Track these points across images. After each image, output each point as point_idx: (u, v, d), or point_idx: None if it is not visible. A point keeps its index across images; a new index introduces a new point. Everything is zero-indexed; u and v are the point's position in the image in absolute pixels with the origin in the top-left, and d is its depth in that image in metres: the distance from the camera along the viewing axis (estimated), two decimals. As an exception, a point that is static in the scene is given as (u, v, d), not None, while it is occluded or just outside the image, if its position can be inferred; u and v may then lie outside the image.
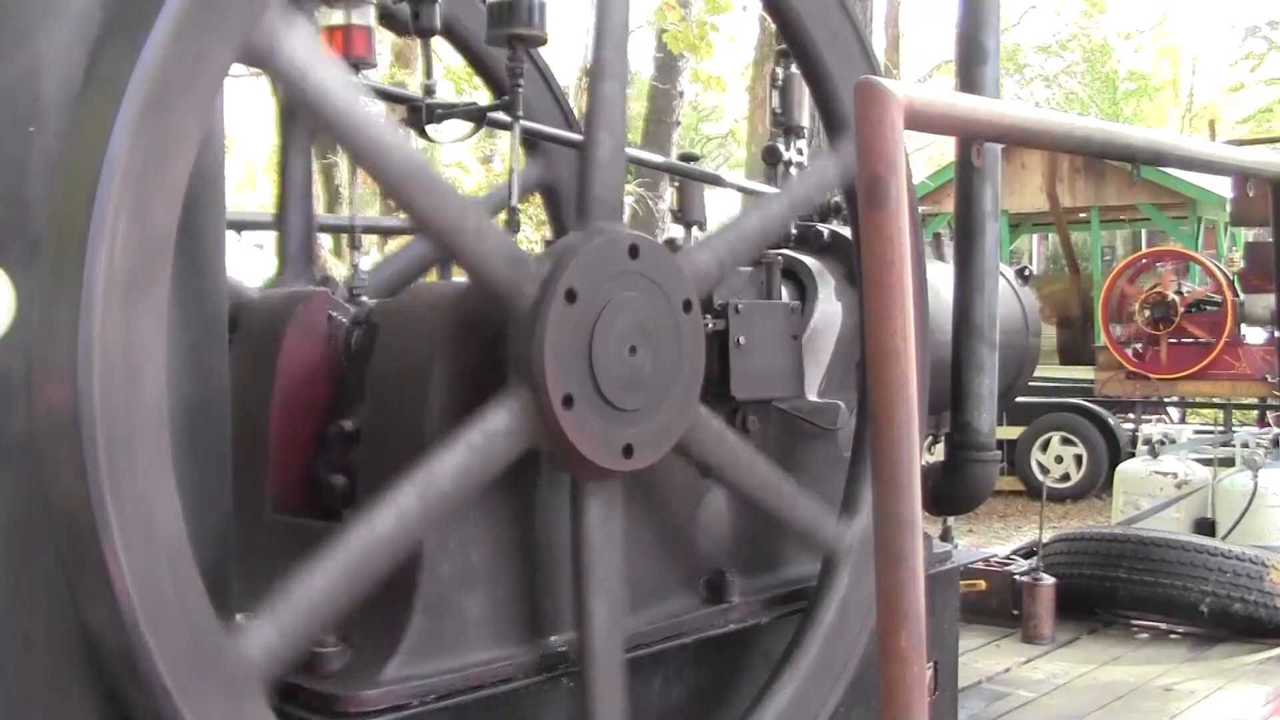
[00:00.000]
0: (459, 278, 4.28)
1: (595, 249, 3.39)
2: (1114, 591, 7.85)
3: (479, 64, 5.60)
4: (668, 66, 19.23)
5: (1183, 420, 16.46)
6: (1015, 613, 7.77)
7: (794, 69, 4.98)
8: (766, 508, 4.11)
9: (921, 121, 2.38)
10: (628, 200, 17.64)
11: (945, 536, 6.52)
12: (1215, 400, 15.28)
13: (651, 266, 3.50)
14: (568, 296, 3.27)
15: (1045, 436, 14.95)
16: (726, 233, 3.98)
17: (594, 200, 3.54)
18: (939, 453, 5.76)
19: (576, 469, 3.43)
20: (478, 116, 4.35)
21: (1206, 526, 9.58)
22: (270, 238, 5.27)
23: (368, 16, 4.26)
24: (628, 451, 3.46)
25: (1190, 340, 14.48)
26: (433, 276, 5.16)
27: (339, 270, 4.85)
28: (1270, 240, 3.88)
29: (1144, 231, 21.90)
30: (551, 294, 3.25)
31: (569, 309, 3.29)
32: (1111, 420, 14.93)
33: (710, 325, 4.03)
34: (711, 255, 3.83)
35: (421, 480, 3.07)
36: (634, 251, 3.46)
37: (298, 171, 4.65)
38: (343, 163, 4.32)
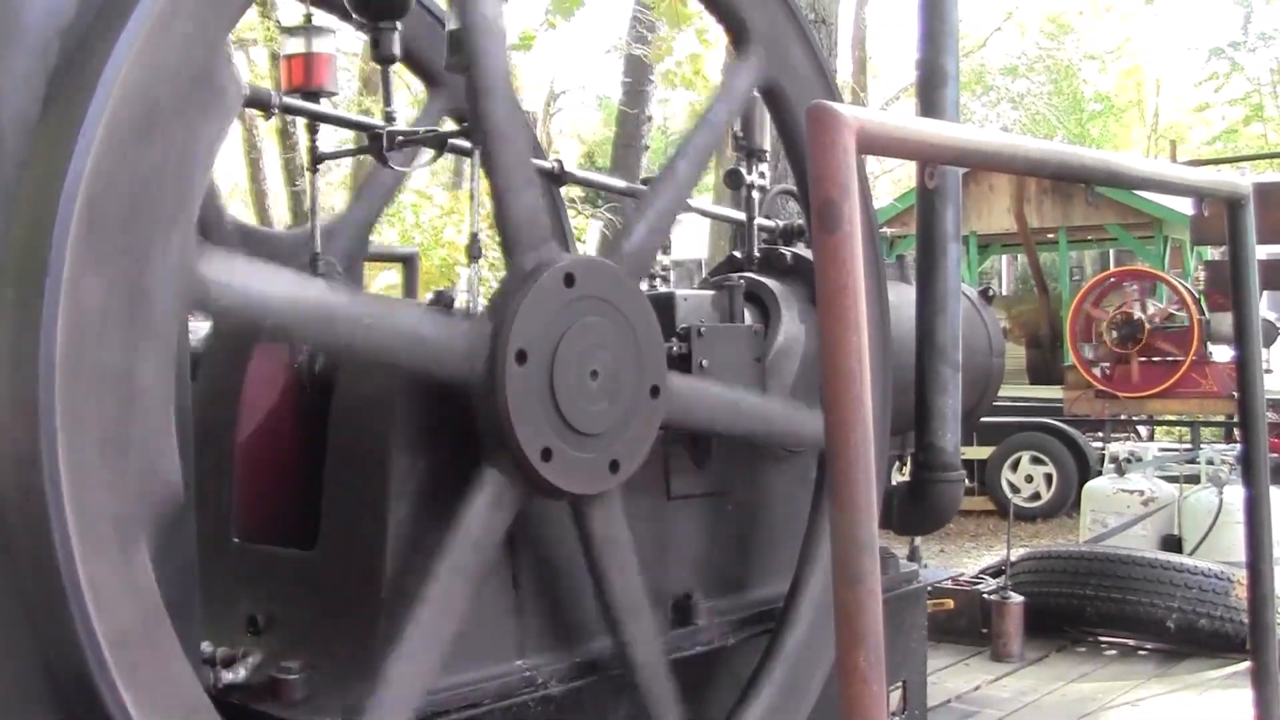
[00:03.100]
0: (423, 296, 4.29)
1: (532, 298, 3.35)
2: (1082, 609, 7.90)
3: (440, 91, 5.60)
4: (636, 92, 19.27)
5: (1151, 438, 16.53)
6: (984, 631, 7.81)
7: (755, 93, 5.00)
8: (760, 438, 4.24)
9: (875, 145, 2.39)
10: (598, 225, 17.69)
11: (913, 556, 6.55)
12: (1184, 418, 15.34)
13: (589, 285, 3.50)
14: (519, 358, 3.29)
15: (1015, 456, 14.98)
16: (656, 194, 3.95)
17: (628, 247, 3.67)
18: (908, 473, 5.78)
19: (493, 438, 3.38)
20: (439, 143, 4.36)
21: (1173, 543, 9.63)
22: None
23: (329, 44, 4.27)
24: (614, 467, 3.55)
25: (1158, 359, 14.53)
26: (396, 292, 5.16)
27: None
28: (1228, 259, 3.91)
29: (1111, 251, 22.01)
30: (502, 362, 3.26)
31: (562, 289, 3.37)
32: (1081, 439, 14.97)
33: (674, 349, 4.05)
34: (645, 227, 3.84)
35: (379, 306, 3.20)
36: (569, 280, 3.44)
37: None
38: (308, 189, 4.33)
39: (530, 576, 3.72)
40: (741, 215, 5.27)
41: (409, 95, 16.55)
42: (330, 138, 4.63)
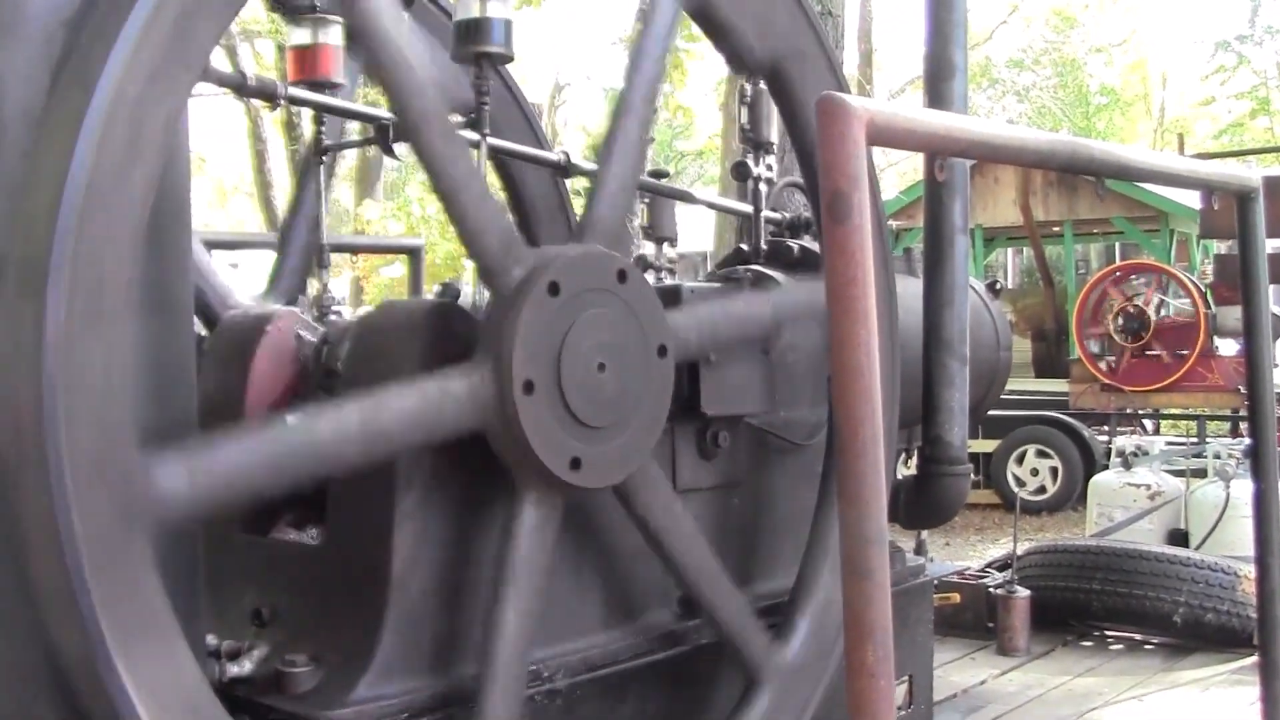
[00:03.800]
0: (428, 294, 4.28)
1: (585, 258, 3.42)
2: (1088, 603, 7.87)
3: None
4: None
5: (1156, 432, 16.52)
6: (990, 625, 7.79)
7: (761, 85, 4.99)
8: (691, 591, 3.94)
9: (884, 137, 2.38)
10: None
11: (919, 550, 6.54)
12: (1190, 412, 15.34)
13: (636, 298, 3.51)
14: (551, 289, 3.28)
15: (1021, 449, 14.96)
16: (714, 304, 4.01)
17: (595, 221, 3.59)
18: (914, 467, 5.77)
19: (521, 467, 3.36)
20: (445, 134, 4.35)
21: (1179, 537, 9.61)
22: (241, 257, 5.27)
23: (335, 36, 4.26)
24: (575, 464, 3.39)
25: (1163, 353, 14.53)
26: (402, 293, 5.16)
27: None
28: (1237, 252, 3.90)
29: (1117, 245, 22.00)
30: (536, 281, 3.26)
31: (550, 300, 3.30)
32: (1087, 433, 14.95)
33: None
34: (695, 324, 3.85)
35: (368, 406, 3.02)
36: (622, 276, 3.46)
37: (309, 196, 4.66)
38: (314, 180, 4.33)
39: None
40: (748, 208, 5.26)
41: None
42: (336, 129, 4.61)
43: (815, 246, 5.01)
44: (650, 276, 4.74)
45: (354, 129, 4.82)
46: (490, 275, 3.33)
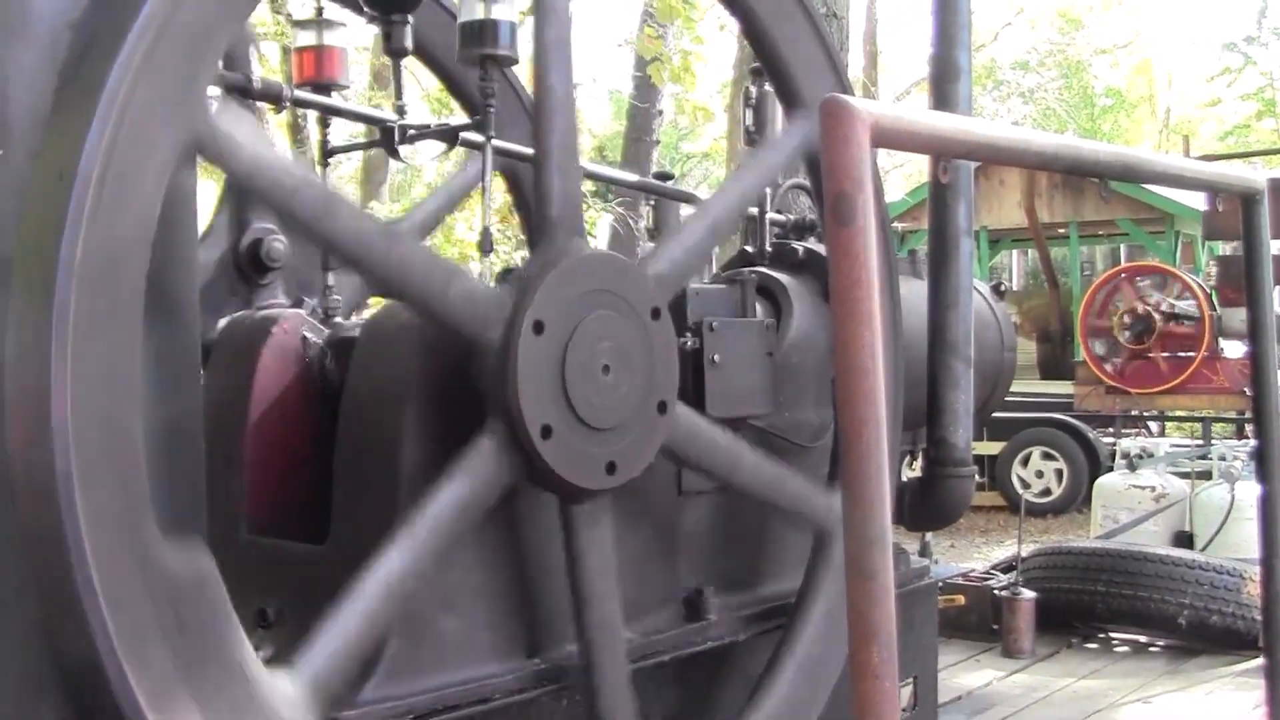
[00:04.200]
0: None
1: (557, 275, 3.38)
2: (1093, 605, 7.87)
3: (452, 84, 5.60)
4: (646, 86, 19.23)
5: (1161, 434, 16.50)
6: (995, 627, 7.79)
7: (767, 87, 4.99)
8: (758, 496, 4.11)
9: (889, 139, 2.38)
10: (607, 220, 17.67)
11: (924, 552, 6.54)
12: (1195, 414, 15.32)
13: (615, 281, 3.50)
14: (535, 329, 3.28)
15: (1026, 451, 14.93)
16: (688, 228, 3.98)
17: (550, 219, 3.52)
18: (919, 469, 5.76)
19: (561, 492, 3.45)
20: (450, 137, 4.36)
21: (1184, 539, 9.61)
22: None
23: (340, 38, 4.26)
24: (611, 469, 3.49)
25: (1169, 355, 14.51)
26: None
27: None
28: (1242, 254, 3.89)
29: (1122, 246, 21.99)
30: (518, 329, 3.25)
31: (537, 341, 3.30)
32: (1091, 435, 14.93)
33: (687, 343, 4.04)
34: (672, 254, 3.83)
35: (419, 530, 3.15)
36: (597, 270, 3.46)
37: None
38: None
39: (542, 574, 3.71)
40: (753, 209, 5.26)
41: (419, 90, 16.57)
42: (341, 131, 4.62)
43: (820, 248, 5.01)
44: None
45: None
46: (548, 230, 3.43)
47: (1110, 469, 12.19)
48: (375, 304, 4.96)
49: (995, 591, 7.89)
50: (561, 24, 3.54)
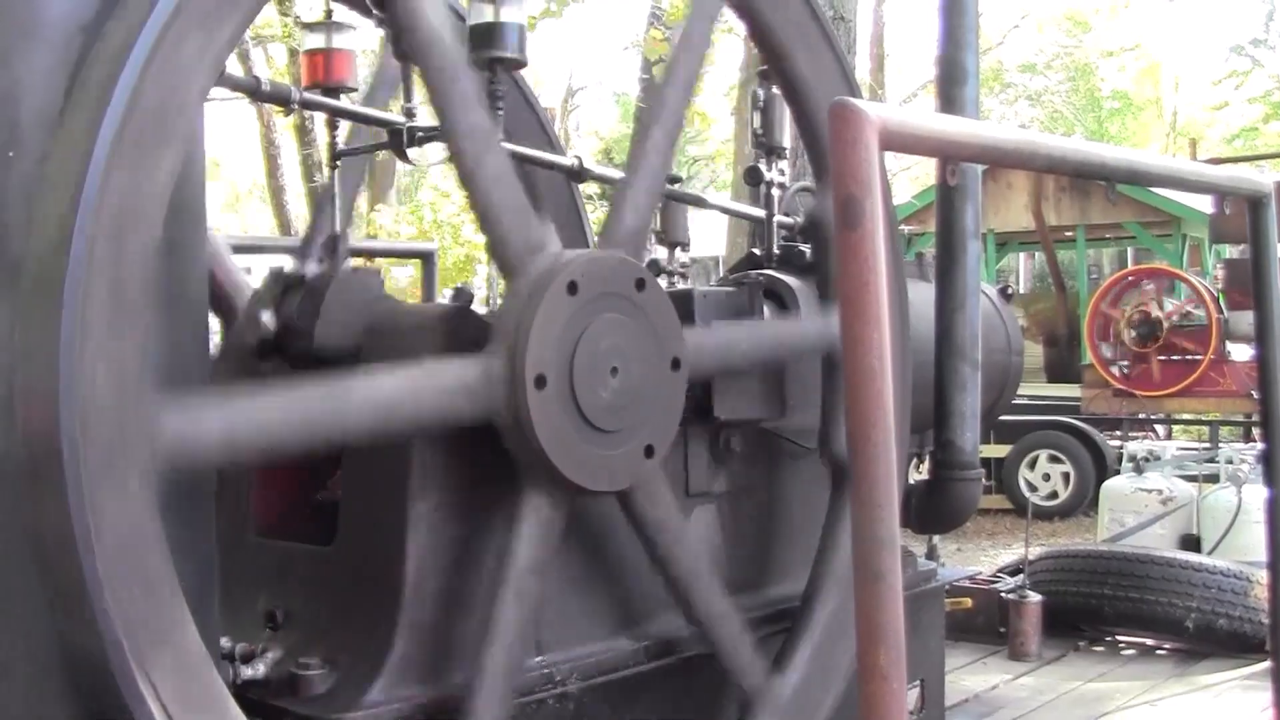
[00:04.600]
0: (441, 299, 4.29)
1: (607, 262, 3.47)
2: (1100, 608, 7.87)
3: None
4: (653, 88, 19.23)
5: (1168, 437, 16.47)
6: (1002, 630, 7.79)
7: (775, 90, 4.99)
8: (685, 602, 3.89)
9: (897, 142, 2.39)
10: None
11: (931, 555, 6.53)
12: (1202, 417, 15.30)
13: (592, 285, 3.46)
14: (538, 384, 3.28)
15: (1033, 454, 14.91)
16: (737, 330, 4.14)
17: (619, 229, 3.64)
18: (926, 471, 5.76)
19: (527, 463, 3.40)
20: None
21: (1191, 543, 9.59)
22: (254, 261, 5.28)
23: (349, 40, 4.27)
24: (649, 452, 3.58)
25: (1176, 357, 14.50)
26: (416, 297, 5.17)
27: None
28: (1249, 257, 3.89)
29: (1130, 249, 21.96)
30: (522, 392, 3.25)
31: (567, 298, 3.33)
32: (1098, 438, 14.91)
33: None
34: (714, 347, 3.95)
35: (510, 598, 3.28)
36: (572, 289, 3.41)
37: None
38: (328, 184, 4.34)
39: (552, 575, 3.71)
40: (761, 212, 5.25)
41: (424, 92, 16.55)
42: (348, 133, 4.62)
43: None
44: (662, 281, 4.74)
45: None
46: (511, 270, 3.38)
47: (1117, 472, 12.18)
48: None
49: (1002, 594, 7.89)
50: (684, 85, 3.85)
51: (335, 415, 2.95)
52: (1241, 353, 14.10)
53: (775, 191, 5.26)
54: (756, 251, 5.28)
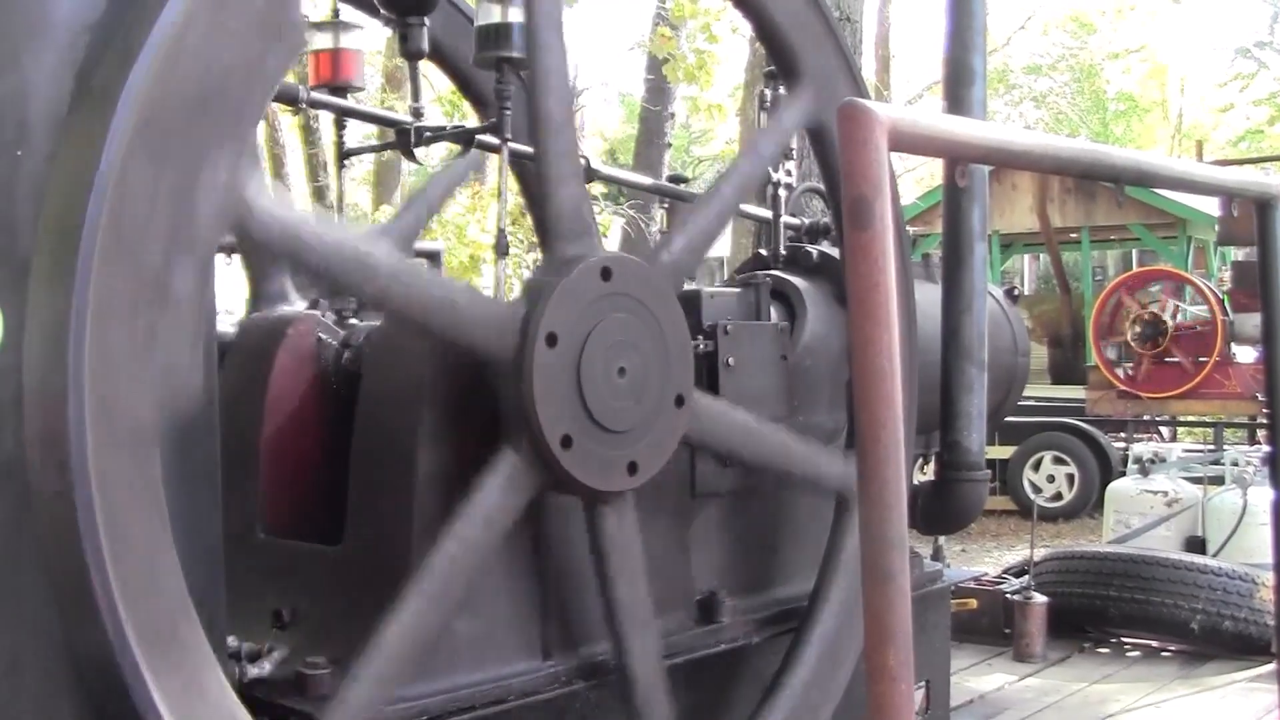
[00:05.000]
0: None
1: (568, 285, 3.38)
2: (1105, 610, 7.87)
3: (467, 87, 5.61)
4: (658, 89, 19.22)
5: (1173, 439, 16.45)
6: (1007, 631, 7.79)
7: (781, 90, 4.99)
8: (780, 471, 4.16)
9: (906, 143, 2.38)
10: (619, 223, 17.68)
11: (937, 556, 6.54)
12: (1207, 419, 15.28)
13: (626, 283, 3.51)
14: (549, 341, 3.29)
15: (1037, 456, 14.91)
16: (698, 211, 3.99)
17: (557, 225, 3.52)
18: (931, 472, 5.76)
19: (585, 497, 3.48)
20: (466, 139, 4.36)
21: (1197, 545, 9.58)
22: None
23: (356, 40, 4.27)
24: (632, 469, 3.53)
25: (1181, 359, 14.48)
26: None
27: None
28: (1256, 259, 3.89)
29: (1135, 251, 21.94)
30: (532, 342, 3.26)
31: (552, 354, 3.31)
32: (1103, 439, 14.90)
33: (700, 346, 4.04)
34: (685, 240, 3.85)
35: (445, 555, 3.20)
36: (606, 274, 3.46)
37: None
38: (333, 184, 4.35)
39: (558, 576, 3.72)
40: (767, 213, 5.26)
41: (431, 91, 16.56)
42: (354, 133, 4.63)
43: (834, 252, 5.01)
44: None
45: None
46: (552, 240, 3.46)
47: (1122, 474, 12.17)
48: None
49: (1007, 595, 7.90)
50: (555, 34, 3.54)
51: (364, 272, 3.00)
52: (1246, 354, 14.08)
53: (782, 192, 5.27)
54: (763, 252, 5.28)
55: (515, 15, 3.93)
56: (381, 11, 4.17)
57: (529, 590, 3.67)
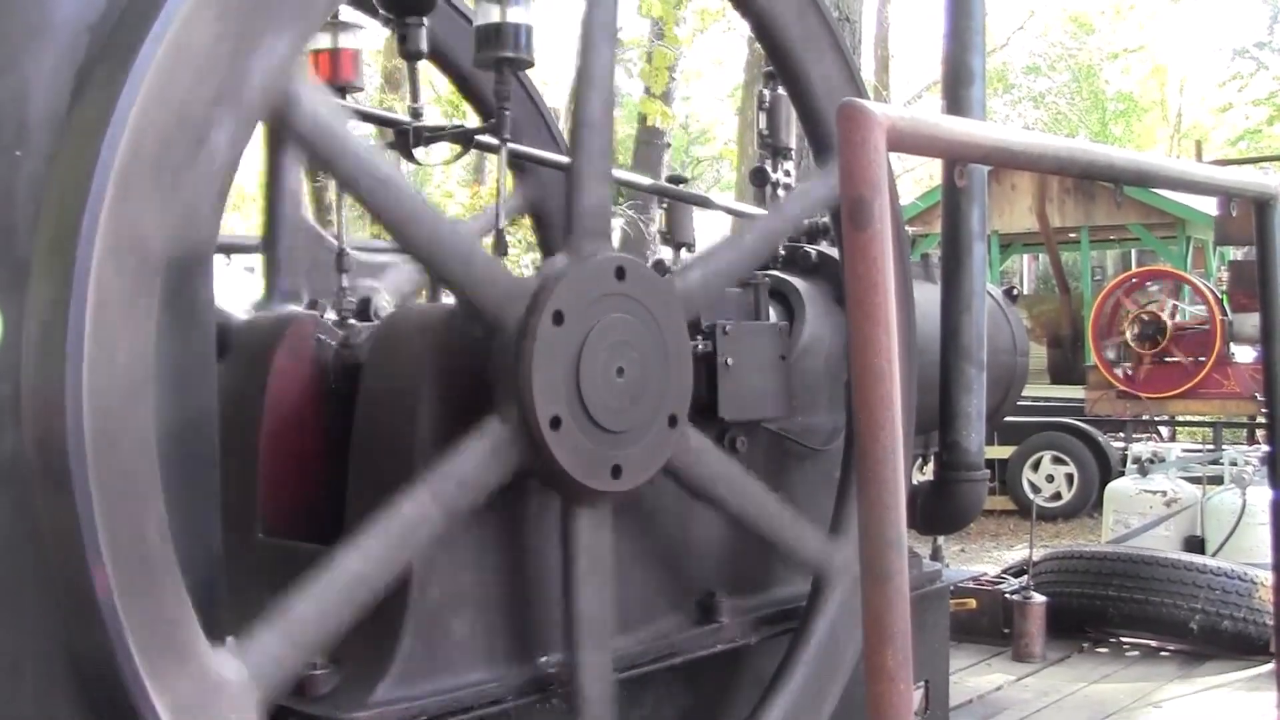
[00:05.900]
0: (448, 299, 4.29)
1: (582, 272, 3.42)
2: (1104, 610, 7.87)
3: (466, 87, 5.61)
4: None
5: (1172, 439, 16.46)
6: (1006, 631, 7.79)
7: (780, 90, 5.00)
8: (756, 529, 4.08)
9: (905, 143, 2.39)
10: (618, 223, 17.65)
11: (936, 556, 6.54)
12: (1206, 419, 15.28)
13: (638, 288, 3.52)
14: (555, 319, 3.29)
15: (1036, 456, 14.91)
16: (717, 253, 4.00)
17: (580, 221, 3.55)
18: (930, 472, 5.76)
19: (565, 490, 3.44)
20: (465, 139, 4.36)
21: (1196, 544, 9.59)
22: (257, 260, 5.28)
23: (355, 40, 4.27)
24: (616, 472, 3.49)
25: (1180, 359, 14.48)
26: (421, 299, 5.17)
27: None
28: (1254, 259, 3.89)
29: (1134, 251, 21.96)
30: (539, 316, 3.27)
31: (556, 331, 3.31)
32: (1102, 439, 14.90)
33: (699, 346, 4.04)
34: (701, 275, 3.85)
35: (416, 503, 3.11)
36: (620, 273, 3.48)
37: (287, 195, 4.66)
38: (332, 185, 4.33)
39: (557, 578, 3.71)
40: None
41: (430, 92, 16.56)
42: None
43: (833, 252, 5.01)
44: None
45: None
46: (493, 323, 3.36)
47: (1121, 474, 12.18)
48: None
49: (1006, 595, 7.90)
50: (606, 40, 3.59)
51: (391, 198, 3.06)
52: (1245, 354, 14.08)
53: (781, 192, 5.27)
54: (762, 252, 5.27)
55: (514, 15, 3.93)
56: (381, 11, 4.17)
57: (527, 592, 3.67)
